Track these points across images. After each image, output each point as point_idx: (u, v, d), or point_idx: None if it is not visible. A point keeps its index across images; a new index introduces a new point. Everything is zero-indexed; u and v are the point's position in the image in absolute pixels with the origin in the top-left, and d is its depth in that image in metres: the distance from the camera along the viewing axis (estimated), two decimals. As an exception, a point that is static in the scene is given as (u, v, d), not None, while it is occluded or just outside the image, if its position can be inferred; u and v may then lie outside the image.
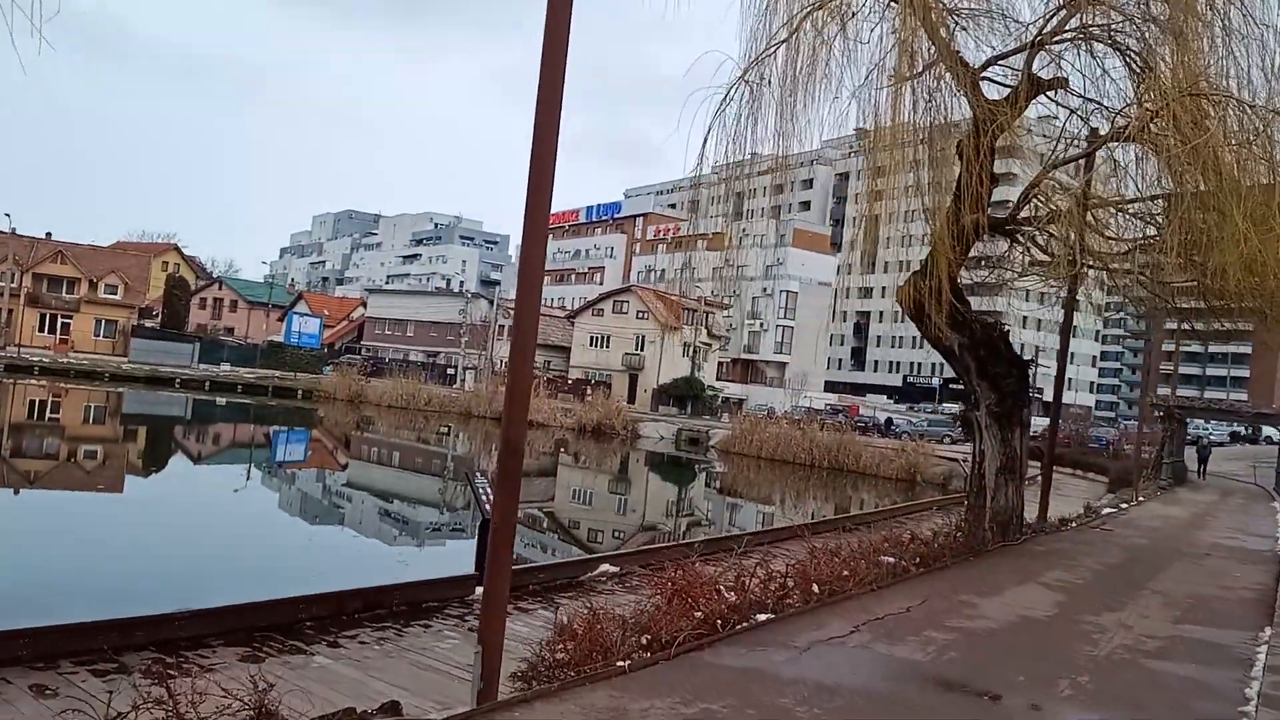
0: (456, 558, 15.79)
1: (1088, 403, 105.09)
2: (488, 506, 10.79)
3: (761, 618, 8.15)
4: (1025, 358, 14.87)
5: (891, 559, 11.11)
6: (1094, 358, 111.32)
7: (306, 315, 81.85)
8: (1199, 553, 15.57)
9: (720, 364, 78.11)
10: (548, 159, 5.56)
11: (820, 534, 18.00)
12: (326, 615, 9.36)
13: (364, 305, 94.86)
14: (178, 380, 57.45)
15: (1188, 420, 43.68)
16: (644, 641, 6.99)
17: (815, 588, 9.20)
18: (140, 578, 13.47)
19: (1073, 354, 53.68)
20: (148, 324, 73.45)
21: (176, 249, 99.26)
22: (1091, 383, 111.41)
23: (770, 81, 13.22)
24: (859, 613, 8.56)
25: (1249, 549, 16.74)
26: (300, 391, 59.97)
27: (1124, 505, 24.64)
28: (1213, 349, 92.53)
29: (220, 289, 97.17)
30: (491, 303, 75.16)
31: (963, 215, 13.54)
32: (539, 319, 5.82)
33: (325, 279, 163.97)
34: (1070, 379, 34.05)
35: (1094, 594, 10.65)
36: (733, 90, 13.34)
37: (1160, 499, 28.54)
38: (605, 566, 12.66)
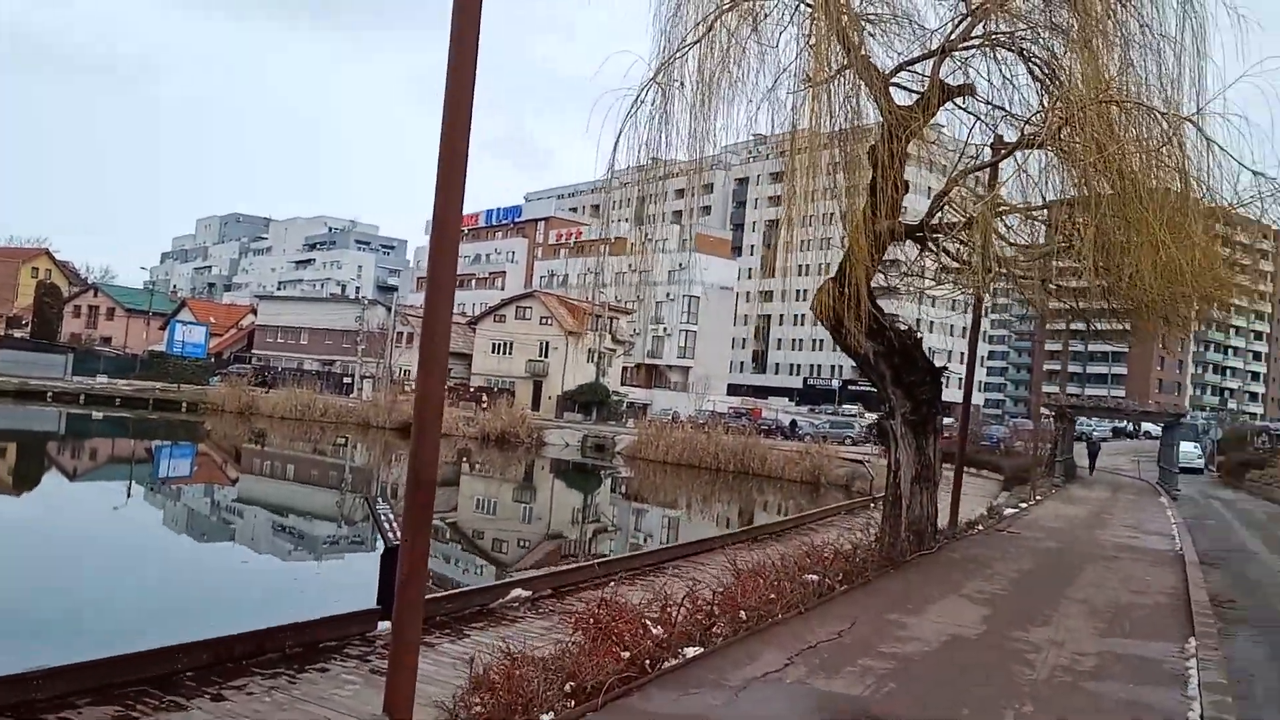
0: (358, 579, 14.77)
1: (976, 401, 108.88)
2: (390, 535, 10.01)
3: (690, 652, 7.64)
4: (938, 364, 14.82)
5: (815, 576, 10.76)
6: (981, 357, 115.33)
7: (191, 323, 78.08)
8: (1106, 555, 15.80)
9: (625, 369, 77.82)
10: (457, 173, 4.93)
11: (737, 544, 17.76)
12: (209, 664, 8.43)
13: (254, 312, 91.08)
14: (50, 393, 53.92)
15: (1076, 418, 45.33)
16: (568, 689, 6.39)
17: (742, 614, 8.75)
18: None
19: (962, 354, 55.39)
20: (16, 334, 69.04)
21: (48, 254, 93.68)
22: (980, 381, 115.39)
23: (683, 83, 12.81)
24: (790, 641, 8.13)
25: (1152, 549, 17.12)
26: (185, 404, 56.99)
27: (1024, 505, 25.16)
28: (1092, 348, 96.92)
29: (96, 296, 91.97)
30: (389, 309, 73.07)
31: (878, 221, 13.39)
32: (449, 340, 5.18)
33: (211, 285, 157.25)
34: (959, 379, 34.97)
35: (1017, 606, 10.52)
36: (644, 92, 12.89)
37: (1057, 497, 29.33)
38: (517, 591, 11.97)
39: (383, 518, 10.48)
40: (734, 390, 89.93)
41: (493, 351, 72.17)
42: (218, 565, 18.27)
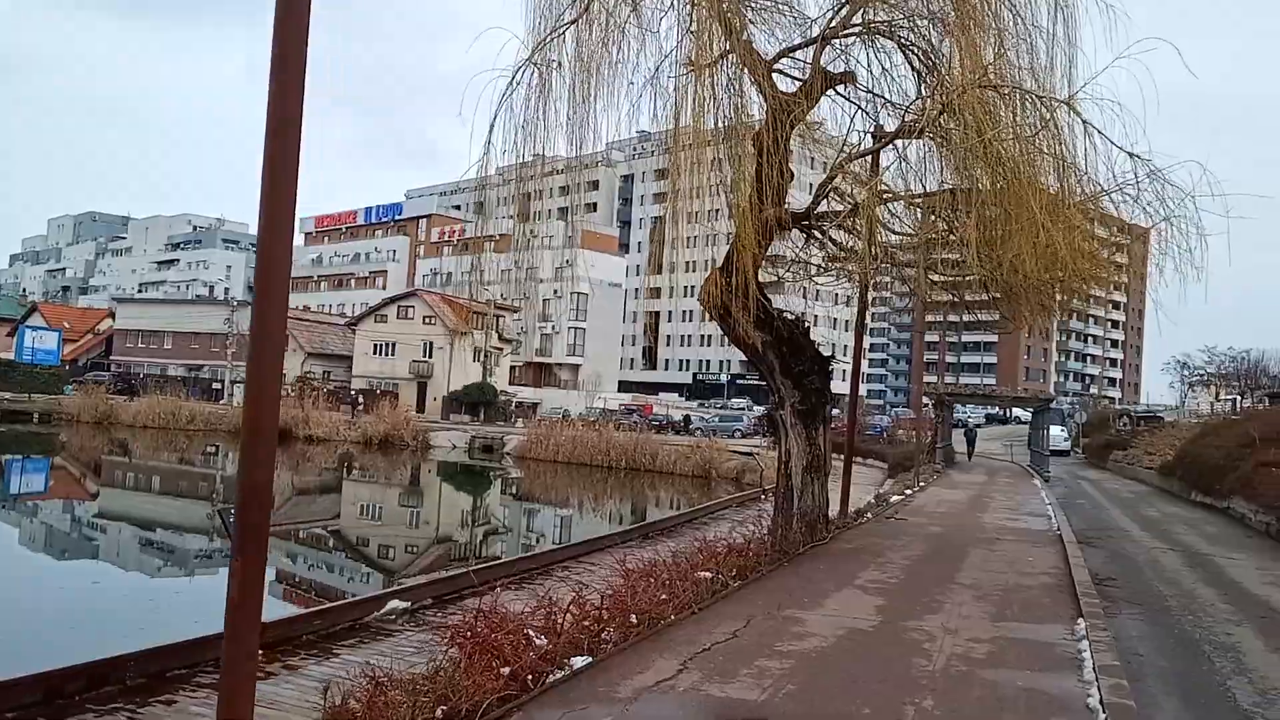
0: (222, 599, 13.63)
1: (859, 391, 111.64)
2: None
3: (578, 662, 7.12)
4: (825, 354, 14.70)
5: (708, 574, 10.40)
6: (864, 349, 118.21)
7: (42, 329, 72.76)
8: (990, 537, 16.02)
9: (513, 368, 76.66)
10: (289, 165, 4.26)
11: (628, 542, 17.34)
12: (37, 702, 7.50)
13: (112, 316, 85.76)
14: (-117, 407, 49.61)
15: (954, 405, 46.78)
16: (440, 714, 5.78)
17: (633, 618, 8.28)
18: None
19: (846, 346, 56.62)
20: None
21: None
22: (862, 373, 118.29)
23: (561, 64, 12.28)
24: (684, 645, 7.70)
25: (1032, 530, 17.48)
26: (37, 415, 53.22)
27: (909, 491, 25.59)
28: (965, 338, 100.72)
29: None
30: (263, 310, 69.92)
31: (764, 208, 13.16)
32: (284, 340, 4.52)
33: (65, 288, 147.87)
34: (844, 370, 35.49)
35: (910, 594, 10.39)
36: (520, 73, 12.31)
37: (939, 482, 30.02)
38: (394, 603, 11.21)
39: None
40: (625, 387, 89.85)
41: (375, 353, 69.99)
42: (66, 588, 16.76)
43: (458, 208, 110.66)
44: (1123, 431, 52.24)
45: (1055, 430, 48.97)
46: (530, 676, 6.50)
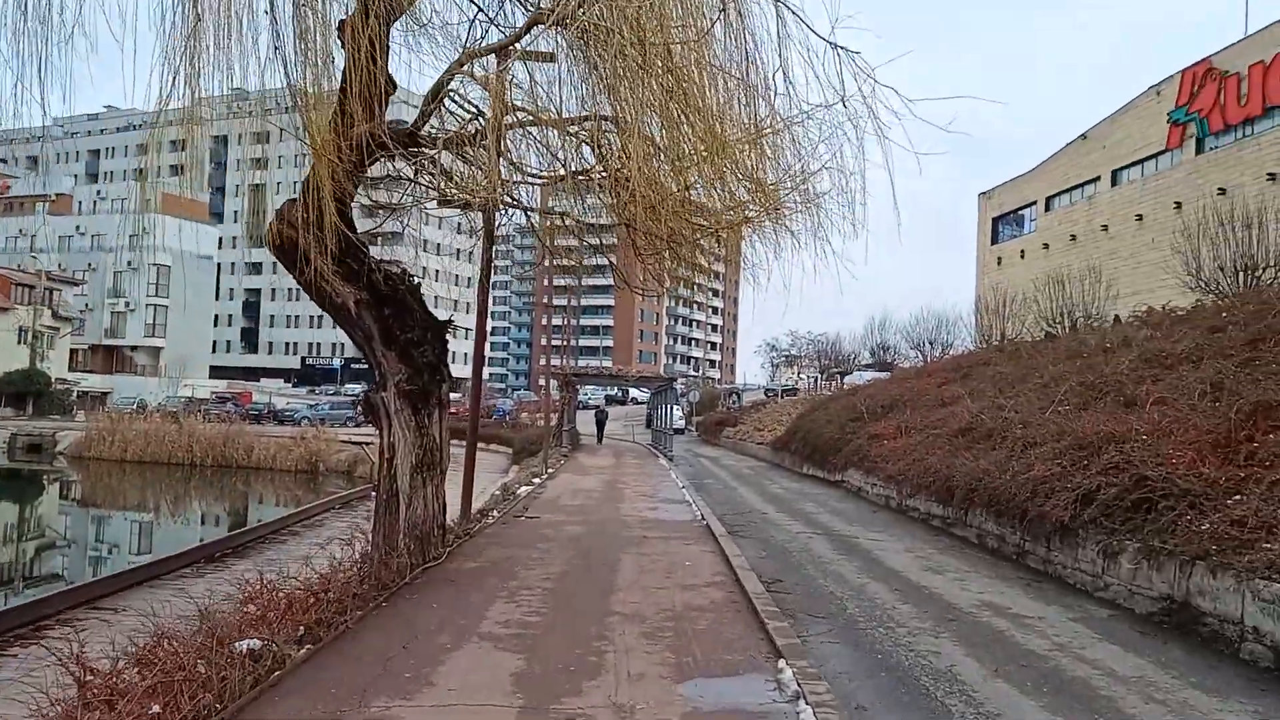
0: None
1: (485, 364, 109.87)
2: None
3: None
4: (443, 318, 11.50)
5: (258, 642, 6.76)
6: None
7: None
8: (637, 535, 13.79)
9: (74, 352, 64.75)
10: None
11: (179, 573, 13.03)
12: None
13: None
14: None
15: (579, 387, 45.92)
16: None
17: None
18: None
19: (462, 327, 53.57)
20: None
21: None
22: (487, 341, 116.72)
23: None
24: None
25: (677, 521, 15.64)
26: None
27: (537, 480, 23.30)
28: (584, 321, 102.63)
29: None
30: None
31: (354, 118, 9.63)
32: None
33: None
34: (454, 353, 32.70)
35: (558, 641, 7.53)
36: None
37: (568, 468, 28.16)
38: None
39: None
40: (220, 373, 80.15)
41: (-127, 333, 55.24)
42: None
43: (3, 160, 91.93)
44: (732, 408, 55.05)
45: (674, 410, 50.07)
46: None
